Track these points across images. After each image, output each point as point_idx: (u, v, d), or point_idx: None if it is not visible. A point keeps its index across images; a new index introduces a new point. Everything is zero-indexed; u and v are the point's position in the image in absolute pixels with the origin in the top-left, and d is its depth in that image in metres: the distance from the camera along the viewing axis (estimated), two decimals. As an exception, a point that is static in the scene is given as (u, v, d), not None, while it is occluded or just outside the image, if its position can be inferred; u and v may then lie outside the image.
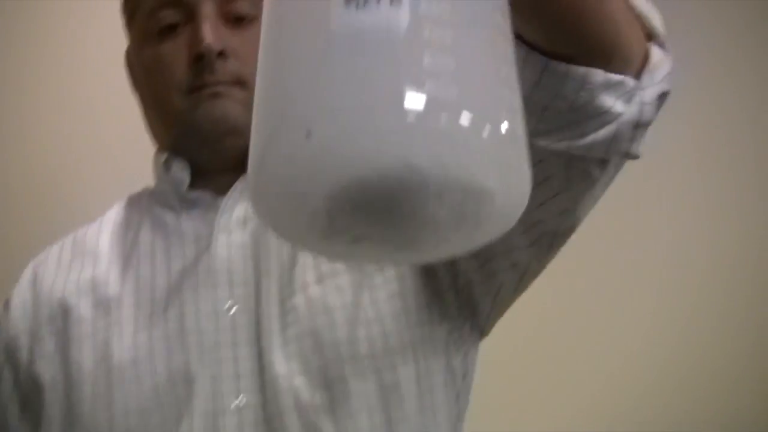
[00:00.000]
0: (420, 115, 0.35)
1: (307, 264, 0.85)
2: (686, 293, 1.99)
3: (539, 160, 0.66)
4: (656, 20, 0.67)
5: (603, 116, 0.63)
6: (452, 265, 0.85)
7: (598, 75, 0.61)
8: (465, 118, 0.36)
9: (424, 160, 0.36)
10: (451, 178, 0.37)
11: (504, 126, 0.38)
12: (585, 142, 0.64)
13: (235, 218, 0.89)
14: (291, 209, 0.40)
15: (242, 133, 0.86)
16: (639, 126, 0.65)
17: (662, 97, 0.66)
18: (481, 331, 0.91)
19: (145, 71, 0.95)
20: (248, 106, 0.87)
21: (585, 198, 0.75)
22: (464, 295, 0.87)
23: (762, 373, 1.96)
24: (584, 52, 0.61)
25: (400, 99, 0.36)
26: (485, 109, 0.38)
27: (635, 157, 0.67)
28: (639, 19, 0.66)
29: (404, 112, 0.35)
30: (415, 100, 0.36)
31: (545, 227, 0.79)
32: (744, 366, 1.96)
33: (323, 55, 0.38)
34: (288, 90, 0.39)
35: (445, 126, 0.36)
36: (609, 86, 0.62)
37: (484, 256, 0.83)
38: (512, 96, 0.40)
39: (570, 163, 0.70)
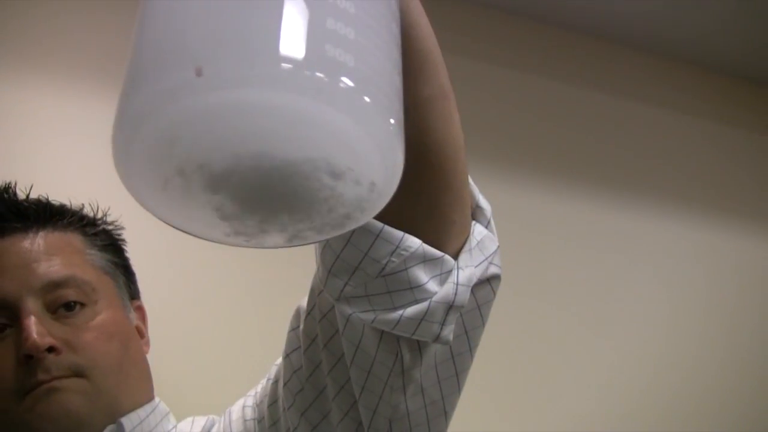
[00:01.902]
0: (314, 74, 0.35)
1: None
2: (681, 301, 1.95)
3: (346, 322, 0.64)
4: (481, 195, 0.66)
5: (414, 292, 0.60)
6: None
7: (415, 243, 0.60)
8: (362, 91, 0.36)
9: (310, 120, 0.35)
10: (330, 143, 0.36)
11: (394, 112, 0.38)
12: (392, 316, 0.61)
13: None
14: (164, 157, 0.37)
15: (85, 424, 0.84)
16: (452, 309, 0.61)
17: (493, 279, 0.65)
18: None
19: None
20: (89, 395, 0.85)
21: (395, 389, 0.68)
22: None
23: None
24: (415, 215, 0.59)
25: (299, 52, 0.35)
26: (381, 88, 0.37)
27: (445, 342, 0.63)
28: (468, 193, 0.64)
29: (302, 67, 0.34)
30: (315, 59, 0.35)
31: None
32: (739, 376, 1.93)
33: None
34: (181, 27, 0.37)
35: (337, 88, 0.35)
36: (426, 260, 0.60)
37: None
38: (400, 82, 0.40)
39: (381, 337, 0.65)
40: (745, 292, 2.01)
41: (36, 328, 0.83)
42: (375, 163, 0.38)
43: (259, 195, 0.37)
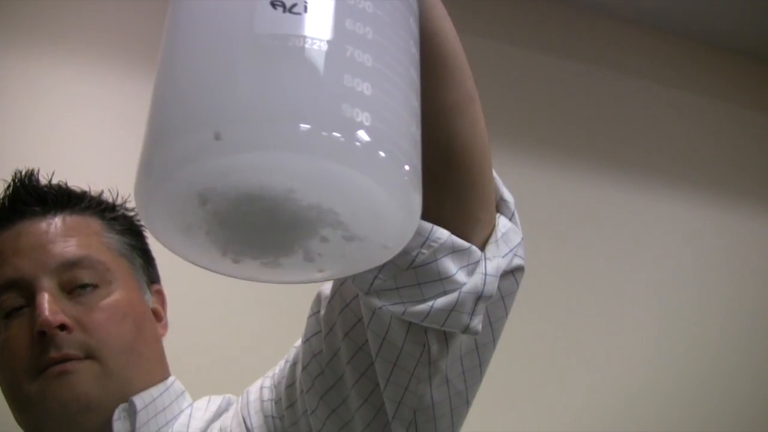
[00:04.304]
0: (331, 134, 0.36)
1: None
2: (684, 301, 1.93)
3: (372, 314, 0.65)
4: (504, 188, 0.67)
5: (444, 283, 0.61)
6: None
7: (444, 235, 0.60)
8: (377, 147, 0.37)
9: (327, 180, 0.37)
10: (350, 199, 0.38)
11: (409, 160, 0.39)
12: (422, 307, 0.61)
13: None
14: (184, 209, 0.39)
15: (97, 407, 0.85)
16: (480, 299, 0.62)
17: (517, 270, 0.66)
18: None
19: None
20: (101, 377, 0.86)
21: (422, 380, 0.69)
22: None
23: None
24: (441, 214, 0.59)
25: (317, 113, 0.36)
26: (396, 141, 0.38)
27: (474, 333, 0.63)
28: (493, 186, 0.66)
29: (320, 128, 0.35)
30: (332, 119, 0.36)
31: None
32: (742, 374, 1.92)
33: (243, 56, 0.37)
34: (200, 89, 0.38)
35: (353, 147, 0.36)
36: (454, 251, 0.61)
37: None
38: (417, 130, 0.40)
39: (409, 329, 0.66)
40: (739, 274, 1.99)
41: (48, 306, 0.85)
42: (392, 215, 0.39)
43: (275, 243, 0.40)
